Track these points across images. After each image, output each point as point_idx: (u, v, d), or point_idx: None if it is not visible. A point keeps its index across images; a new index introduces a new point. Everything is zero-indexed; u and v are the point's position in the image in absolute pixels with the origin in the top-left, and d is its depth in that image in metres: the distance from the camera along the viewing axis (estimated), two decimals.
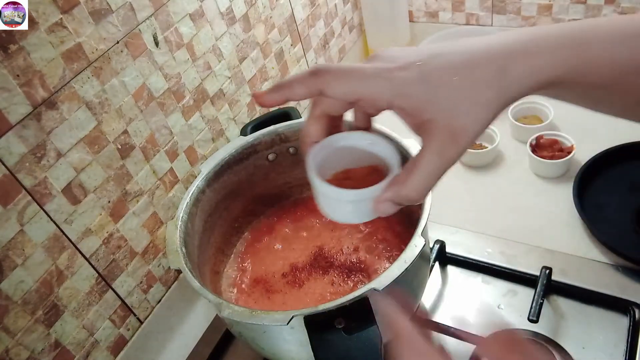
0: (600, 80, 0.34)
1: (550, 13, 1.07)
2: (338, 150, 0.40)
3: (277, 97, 0.38)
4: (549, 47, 0.33)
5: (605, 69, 0.34)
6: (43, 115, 0.57)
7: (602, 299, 0.69)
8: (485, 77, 0.33)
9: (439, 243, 0.78)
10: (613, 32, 0.34)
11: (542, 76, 0.33)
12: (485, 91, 0.33)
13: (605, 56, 0.33)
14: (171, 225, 0.64)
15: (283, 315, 0.51)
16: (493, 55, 0.33)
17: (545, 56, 0.33)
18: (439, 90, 0.33)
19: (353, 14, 1.21)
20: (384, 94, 0.34)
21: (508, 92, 0.33)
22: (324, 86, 0.35)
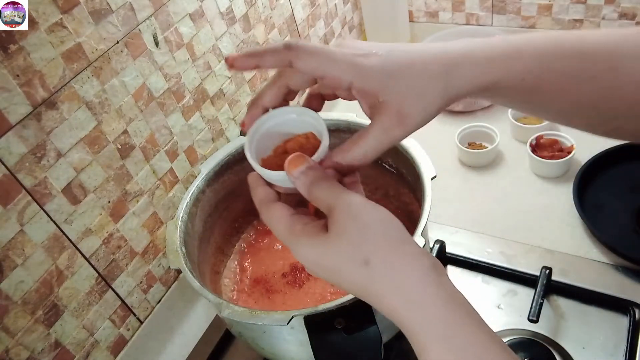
0: (534, 84, 0.39)
1: (550, 13, 1.07)
2: (272, 127, 0.43)
3: (249, 62, 0.40)
4: (487, 56, 0.38)
5: (539, 73, 0.38)
6: (43, 115, 0.57)
7: (602, 299, 0.70)
8: (434, 74, 0.38)
9: (439, 243, 0.78)
10: (547, 44, 0.39)
11: (480, 80, 0.38)
12: (433, 86, 0.38)
13: (540, 62, 0.38)
14: (171, 225, 0.64)
15: (283, 315, 0.51)
16: (442, 57, 0.38)
17: (484, 63, 0.38)
18: (395, 79, 0.38)
19: (353, 14, 1.21)
20: (347, 75, 0.38)
21: (451, 90, 0.38)
22: (295, 59, 0.38)
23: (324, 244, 0.37)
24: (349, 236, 0.36)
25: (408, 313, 0.35)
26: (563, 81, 0.39)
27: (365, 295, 0.36)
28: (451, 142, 0.95)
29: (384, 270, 0.35)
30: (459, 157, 0.96)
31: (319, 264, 0.38)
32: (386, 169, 0.72)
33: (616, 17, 1.01)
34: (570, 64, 0.38)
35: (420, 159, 0.63)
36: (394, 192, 0.75)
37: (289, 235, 0.39)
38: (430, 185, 0.61)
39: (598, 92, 0.39)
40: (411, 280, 0.35)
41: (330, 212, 0.38)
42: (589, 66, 0.38)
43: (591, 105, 0.40)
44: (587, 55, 0.38)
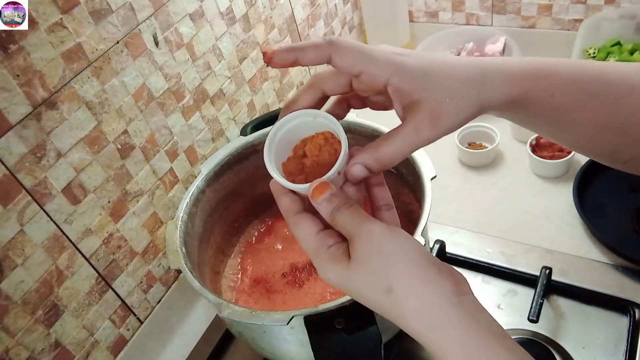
0: (563, 102, 0.40)
1: (550, 13, 1.07)
2: (288, 132, 0.43)
3: (288, 56, 0.40)
4: (522, 68, 0.40)
5: (569, 90, 0.39)
6: (43, 115, 0.57)
7: (602, 299, 0.70)
8: (470, 78, 0.39)
9: (439, 243, 0.78)
10: (576, 66, 0.40)
11: (512, 90, 0.39)
12: (468, 91, 0.39)
13: (569, 80, 0.40)
14: (171, 225, 0.64)
15: (283, 315, 0.51)
16: (479, 64, 0.39)
17: (517, 74, 0.39)
18: (432, 79, 0.38)
19: (353, 14, 1.21)
20: (385, 72, 0.38)
21: (484, 98, 0.39)
22: (335, 54, 0.38)
23: (347, 271, 0.38)
24: (371, 265, 0.37)
25: (431, 337, 0.36)
26: (591, 101, 0.40)
27: (391, 317, 0.38)
28: (451, 142, 0.95)
29: (406, 297, 0.36)
30: (459, 157, 0.96)
31: (344, 287, 0.39)
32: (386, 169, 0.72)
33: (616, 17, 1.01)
34: (599, 84, 0.40)
35: (420, 159, 0.63)
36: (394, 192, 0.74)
37: (314, 256, 0.40)
38: (430, 185, 0.61)
39: (624, 114, 0.40)
40: (432, 306, 0.36)
41: (352, 239, 0.38)
42: (617, 87, 0.40)
43: (616, 128, 0.41)
44: (614, 77, 0.40)
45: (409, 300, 0.36)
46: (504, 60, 0.40)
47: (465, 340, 0.35)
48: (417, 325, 0.36)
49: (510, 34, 1.08)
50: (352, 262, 0.38)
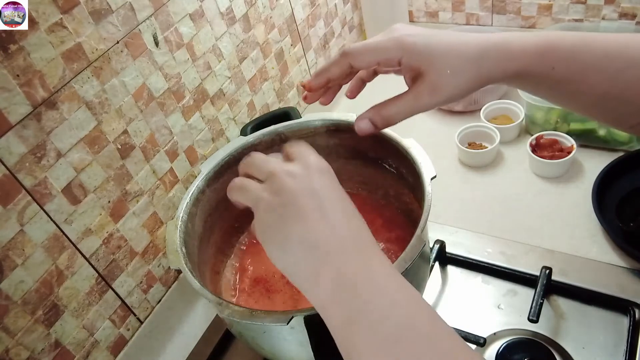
0: (564, 75, 0.43)
1: (550, 13, 1.07)
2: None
3: (321, 79, 0.49)
4: (522, 44, 0.44)
5: (569, 64, 0.43)
6: (43, 115, 0.57)
7: (602, 299, 0.69)
8: (470, 57, 0.44)
9: (439, 243, 0.78)
10: (576, 39, 0.43)
11: (512, 65, 0.44)
12: (467, 67, 0.44)
13: (570, 53, 0.43)
14: (171, 225, 0.64)
15: (283, 315, 0.51)
16: (480, 43, 0.44)
17: (517, 51, 0.44)
18: (436, 55, 0.44)
19: (353, 14, 1.21)
20: (396, 54, 0.45)
21: (484, 73, 0.44)
22: (353, 62, 0.47)
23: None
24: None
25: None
26: (591, 73, 0.43)
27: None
28: (451, 142, 0.95)
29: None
30: (459, 157, 0.96)
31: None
32: (386, 169, 0.72)
33: (616, 17, 1.01)
34: (598, 57, 0.42)
35: (420, 159, 0.63)
36: (394, 192, 0.75)
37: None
38: (430, 185, 0.61)
39: (624, 85, 0.42)
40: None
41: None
42: (616, 60, 0.42)
43: (618, 97, 0.43)
44: (614, 50, 0.42)
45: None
46: (505, 37, 0.44)
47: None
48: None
49: None
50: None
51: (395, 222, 0.74)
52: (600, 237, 0.78)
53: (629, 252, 0.74)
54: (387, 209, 0.76)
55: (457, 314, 0.72)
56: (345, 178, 0.77)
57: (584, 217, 0.81)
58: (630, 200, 0.80)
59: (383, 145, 0.67)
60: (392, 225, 0.73)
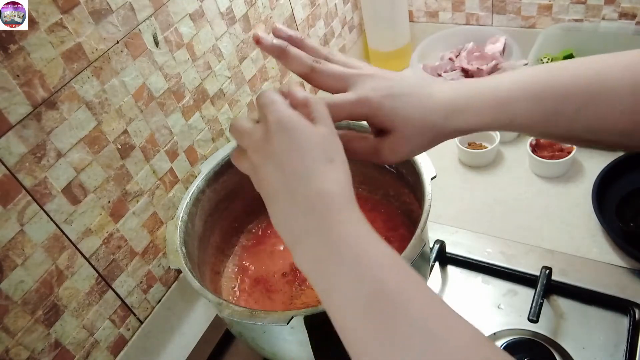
0: (523, 122, 0.46)
1: (550, 13, 1.07)
2: None
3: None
4: (477, 108, 0.46)
5: (530, 114, 0.45)
6: (43, 115, 0.57)
7: (602, 299, 0.70)
8: (434, 121, 0.46)
9: (439, 243, 0.78)
10: (537, 85, 0.45)
11: (472, 125, 0.46)
12: (431, 132, 0.46)
13: (528, 104, 0.45)
14: (171, 225, 0.64)
15: (283, 315, 0.51)
16: (443, 102, 0.46)
17: (473, 114, 0.46)
18: (400, 120, 0.46)
19: (353, 14, 1.21)
20: (360, 114, 0.46)
21: (448, 132, 0.47)
22: (312, 114, 0.43)
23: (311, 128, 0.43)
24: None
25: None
26: (552, 116, 0.45)
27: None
28: (451, 142, 0.95)
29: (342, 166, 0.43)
30: (459, 157, 0.96)
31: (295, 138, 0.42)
32: (386, 169, 0.72)
33: (616, 17, 1.01)
34: (558, 102, 0.44)
35: (420, 159, 0.63)
36: (394, 192, 0.75)
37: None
38: (430, 185, 0.61)
39: (586, 122, 0.44)
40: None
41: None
42: (573, 100, 0.44)
43: (584, 132, 0.45)
44: (572, 90, 0.44)
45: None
46: (465, 103, 0.46)
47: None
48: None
49: (510, 34, 1.08)
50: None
51: (395, 222, 0.74)
52: (600, 237, 0.78)
53: (629, 252, 0.74)
54: (387, 209, 0.76)
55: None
56: None
57: (584, 217, 0.81)
58: (630, 200, 0.80)
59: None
60: (392, 225, 0.74)
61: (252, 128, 0.42)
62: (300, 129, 0.40)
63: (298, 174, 0.39)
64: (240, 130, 0.43)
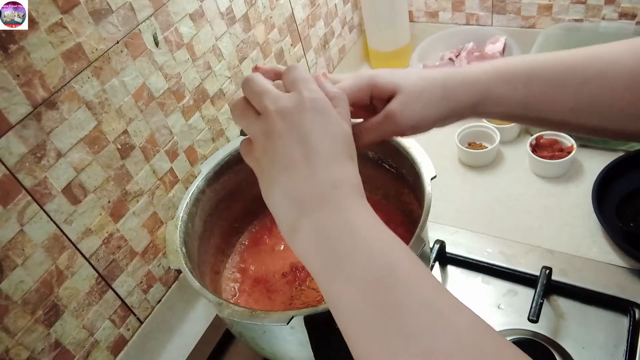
0: (526, 93, 0.46)
1: (550, 13, 1.07)
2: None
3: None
4: (481, 66, 0.47)
5: (530, 83, 0.45)
6: (43, 115, 0.57)
7: (602, 299, 0.69)
8: (436, 80, 0.47)
9: (439, 243, 0.78)
10: (539, 58, 0.46)
11: (475, 86, 0.47)
12: (434, 89, 0.47)
13: (530, 73, 0.46)
14: (171, 225, 0.64)
15: (283, 315, 0.51)
16: (442, 71, 0.48)
17: (477, 71, 0.47)
18: (404, 81, 0.47)
19: (353, 14, 1.21)
20: (367, 89, 0.48)
21: (451, 95, 0.47)
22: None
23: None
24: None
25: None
26: (555, 88, 0.45)
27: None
28: (451, 142, 0.95)
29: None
30: (459, 157, 0.96)
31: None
32: (386, 169, 0.72)
33: (616, 17, 1.01)
34: (557, 72, 0.44)
35: (420, 159, 0.63)
36: (394, 192, 0.75)
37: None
38: (430, 185, 0.61)
39: (591, 96, 0.44)
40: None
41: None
42: (578, 73, 0.44)
43: (588, 109, 0.45)
44: (577, 64, 0.44)
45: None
46: (466, 67, 0.48)
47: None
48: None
49: (510, 34, 1.08)
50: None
51: (395, 222, 0.74)
52: (600, 237, 0.78)
53: (629, 252, 0.74)
54: (387, 209, 0.76)
55: None
56: None
57: (584, 217, 0.81)
58: (630, 200, 0.80)
59: (383, 145, 0.67)
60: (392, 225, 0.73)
61: (278, 92, 0.41)
62: (335, 118, 0.40)
63: (322, 157, 0.38)
64: (263, 89, 0.41)
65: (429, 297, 0.32)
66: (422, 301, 0.32)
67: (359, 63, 1.26)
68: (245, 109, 0.42)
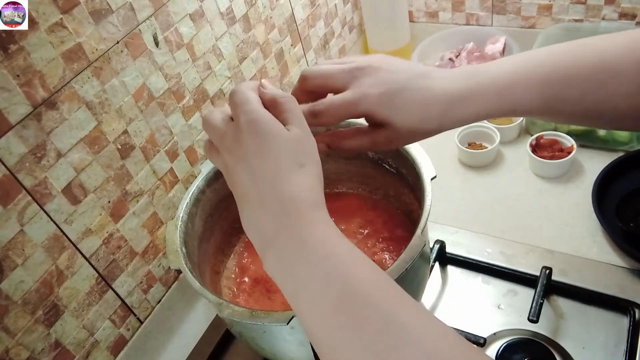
0: (526, 109, 0.46)
1: (550, 13, 1.07)
2: None
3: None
4: (477, 97, 0.45)
5: (523, 107, 0.45)
6: (43, 115, 0.57)
7: (602, 299, 0.70)
8: (432, 116, 0.46)
9: (439, 243, 0.78)
10: (527, 79, 0.45)
11: (472, 116, 0.46)
12: (429, 126, 0.47)
13: (530, 92, 0.45)
14: (171, 225, 0.64)
15: (283, 315, 0.51)
16: (441, 99, 0.45)
17: (473, 104, 0.45)
18: (398, 115, 0.45)
19: (353, 14, 1.21)
20: (360, 112, 0.46)
21: (446, 124, 0.47)
22: (320, 120, 0.46)
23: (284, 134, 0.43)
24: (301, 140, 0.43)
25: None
26: (554, 102, 0.44)
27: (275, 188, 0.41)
28: (451, 142, 0.95)
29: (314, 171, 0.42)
30: (459, 157, 0.96)
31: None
32: (386, 169, 0.72)
33: (616, 17, 1.01)
34: (559, 89, 0.44)
35: (420, 159, 0.63)
36: (394, 192, 0.75)
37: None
38: (430, 185, 0.61)
39: (589, 106, 0.44)
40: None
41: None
42: (577, 86, 0.44)
43: (587, 115, 0.45)
44: (580, 76, 0.44)
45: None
46: (463, 95, 0.45)
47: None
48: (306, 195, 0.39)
49: (510, 34, 1.09)
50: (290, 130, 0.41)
51: (395, 222, 0.74)
52: (600, 237, 0.78)
53: (629, 252, 0.74)
54: (387, 209, 0.76)
55: (457, 314, 0.72)
56: (345, 178, 0.77)
57: (584, 217, 0.81)
58: (630, 200, 0.80)
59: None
60: (392, 225, 0.73)
61: (223, 127, 0.42)
62: (271, 132, 0.39)
63: (267, 179, 0.38)
64: (212, 126, 0.43)
65: (392, 310, 0.32)
66: (387, 317, 0.32)
67: None
68: (209, 149, 0.44)
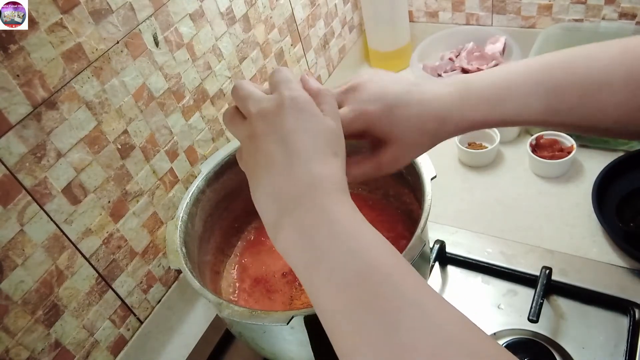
0: (513, 123, 0.47)
1: (550, 13, 1.07)
2: None
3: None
4: (470, 109, 0.46)
5: (515, 118, 0.46)
6: (43, 115, 0.57)
7: (602, 299, 0.69)
8: (429, 129, 0.46)
9: (439, 243, 0.78)
10: (519, 91, 0.45)
11: (468, 124, 0.47)
12: (428, 139, 0.47)
13: (525, 100, 0.45)
14: (171, 225, 0.64)
15: (283, 315, 0.51)
16: (434, 113, 0.46)
17: (469, 116, 0.46)
18: (398, 131, 0.46)
19: (353, 14, 1.21)
20: (358, 129, 0.46)
21: (442, 136, 0.47)
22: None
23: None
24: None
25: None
26: (547, 112, 0.45)
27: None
28: (451, 142, 0.95)
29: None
30: (459, 157, 0.96)
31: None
32: None
33: (616, 17, 1.01)
34: (551, 99, 0.45)
35: (420, 159, 0.63)
36: (394, 192, 0.75)
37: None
38: (430, 185, 0.61)
39: (580, 116, 0.45)
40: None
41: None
42: (568, 97, 0.44)
43: (578, 123, 0.46)
44: (561, 91, 0.45)
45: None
46: (459, 104, 0.46)
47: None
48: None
49: (510, 34, 1.08)
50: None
51: (395, 222, 0.74)
52: (600, 237, 0.78)
53: (629, 252, 0.74)
54: (387, 209, 0.76)
55: None
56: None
57: (584, 217, 0.81)
58: (630, 200, 0.80)
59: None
60: (392, 225, 0.73)
61: (261, 95, 0.42)
62: (314, 114, 0.40)
63: (302, 155, 0.38)
64: (247, 93, 0.42)
65: (411, 292, 0.32)
66: (405, 296, 0.31)
67: (359, 63, 1.26)
68: (233, 116, 0.43)
